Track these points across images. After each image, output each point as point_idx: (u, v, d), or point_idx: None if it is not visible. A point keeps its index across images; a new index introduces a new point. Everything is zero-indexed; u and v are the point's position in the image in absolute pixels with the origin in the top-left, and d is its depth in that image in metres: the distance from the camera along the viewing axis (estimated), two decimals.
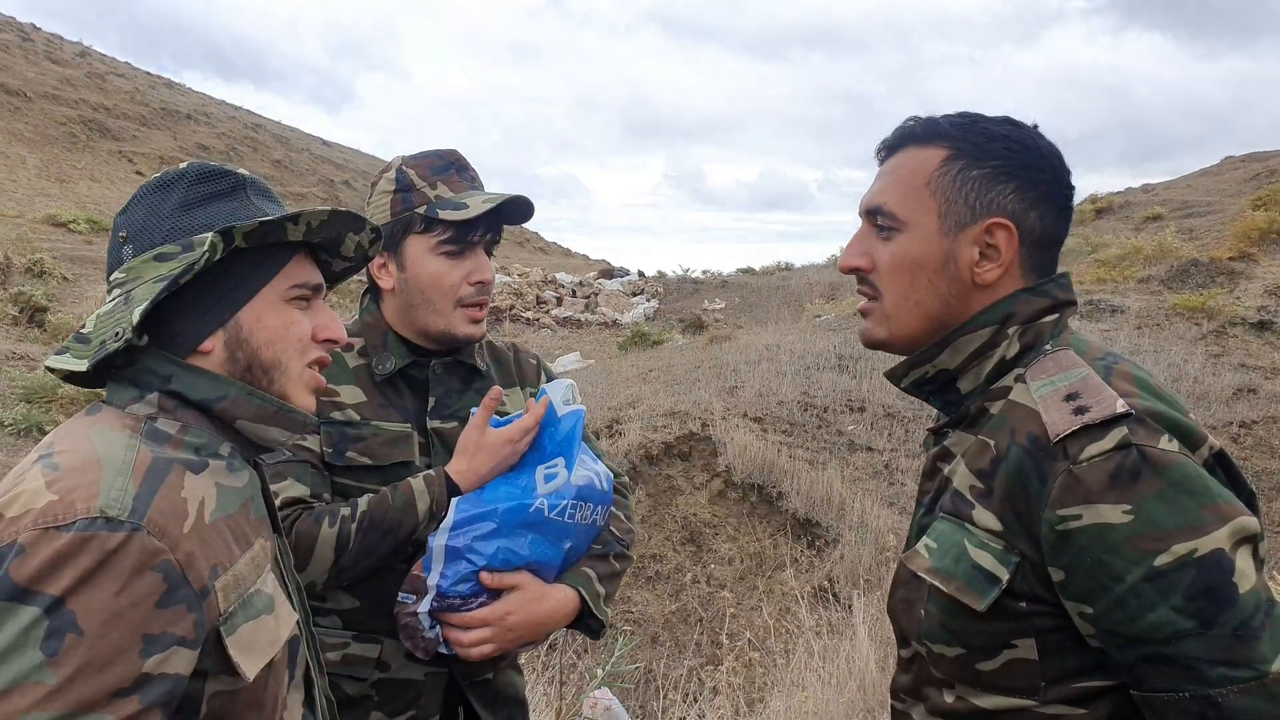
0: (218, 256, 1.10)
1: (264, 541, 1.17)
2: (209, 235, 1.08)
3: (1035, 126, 1.21)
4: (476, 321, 1.70)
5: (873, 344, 1.26)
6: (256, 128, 39.43)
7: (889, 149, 1.26)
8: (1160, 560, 0.96)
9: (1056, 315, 1.19)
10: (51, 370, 1.13)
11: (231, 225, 1.10)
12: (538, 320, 19.27)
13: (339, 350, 1.34)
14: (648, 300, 21.24)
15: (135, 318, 1.05)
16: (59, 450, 1.03)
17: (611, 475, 1.74)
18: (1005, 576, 1.06)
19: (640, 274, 23.97)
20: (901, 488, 7.25)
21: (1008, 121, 1.21)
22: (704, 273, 23.82)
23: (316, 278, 1.23)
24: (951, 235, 1.18)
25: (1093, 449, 1.00)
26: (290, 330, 1.18)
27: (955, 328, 1.19)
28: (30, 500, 0.95)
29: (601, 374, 10.82)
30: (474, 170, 1.74)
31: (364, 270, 1.72)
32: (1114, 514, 0.98)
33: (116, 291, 1.13)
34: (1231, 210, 16.91)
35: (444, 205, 1.65)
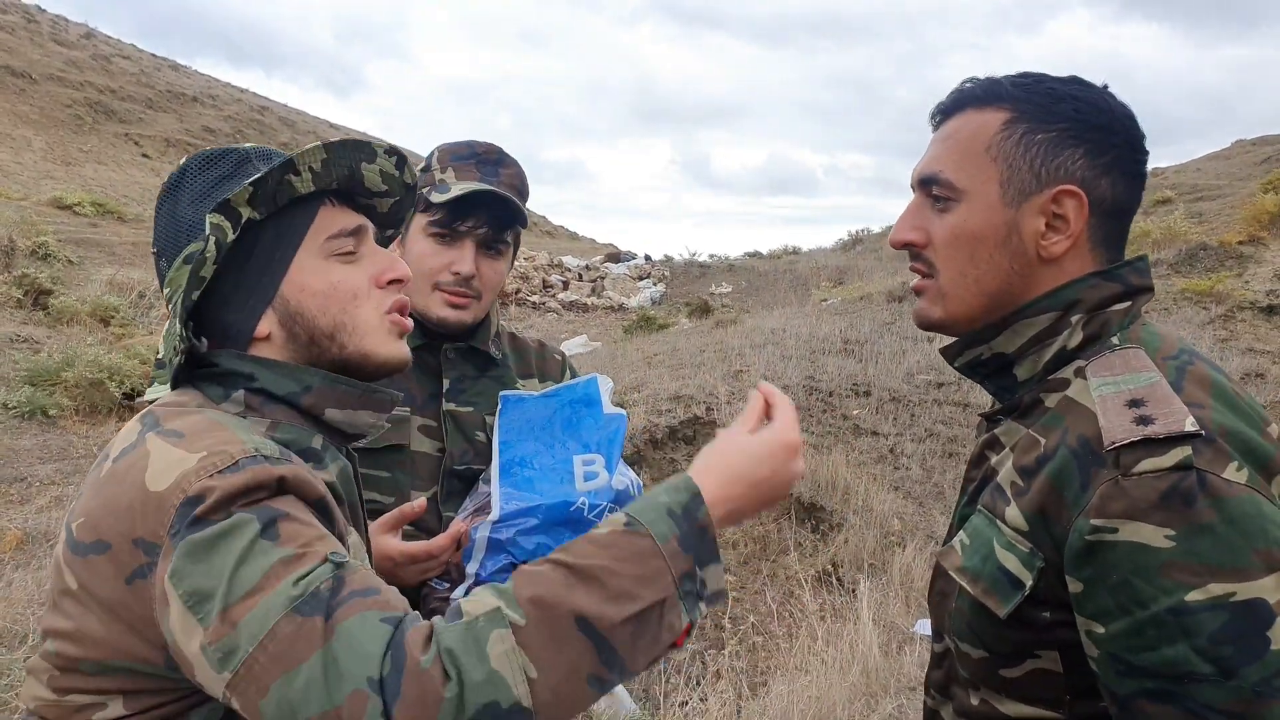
0: (229, 237, 1.04)
1: (355, 536, 1.12)
2: (208, 218, 1.03)
3: (1105, 87, 1.12)
4: (455, 307, 1.67)
5: (927, 325, 1.17)
6: (263, 110, 39.33)
7: (944, 113, 1.16)
8: (1192, 596, 0.88)
9: (1128, 303, 1.08)
10: (151, 402, 1.12)
11: (225, 198, 1.03)
12: (544, 304, 19.23)
13: None
14: (654, 284, 21.17)
15: (178, 329, 1.03)
16: (168, 425, 1.00)
17: (641, 484, 1.74)
18: (1029, 581, 0.99)
19: (647, 258, 23.89)
20: (906, 472, 7.23)
21: (1075, 81, 1.11)
22: (711, 256, 23.74)
23: (353, 221, 1.15)
24: (1015, 205, 1.08)
25: (1148, 464, 0.91)
26: (339, 288, 1.11)
27: (1016, 309, 1.10)
28: (176, 465, 0.94)
29: (607, 358, 10.80)
30: (513, 169, 1.71)
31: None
32: (1155, 536, 0.89)
33: (170, 309, 1.09)
34: (1242, 194, 16.77)
35: (439, 188, 1.64)
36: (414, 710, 0.82)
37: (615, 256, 23.89)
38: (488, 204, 1.64)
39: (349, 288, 1.12)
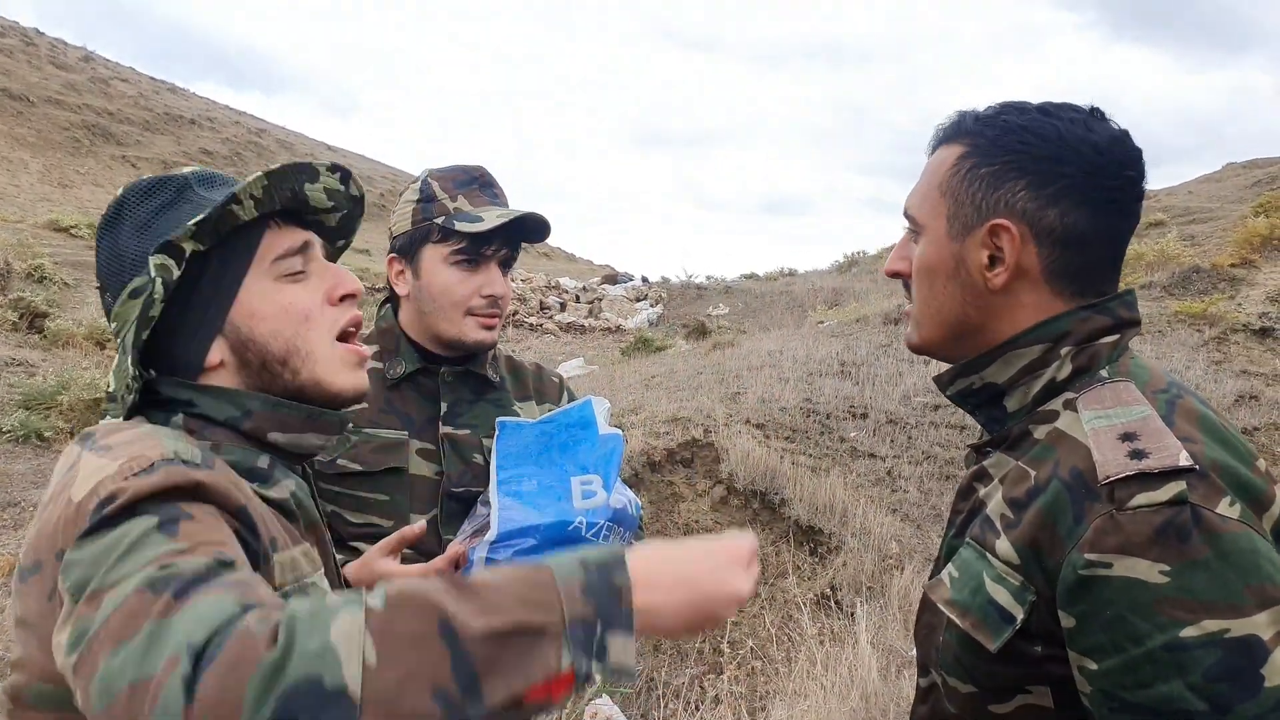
0: (175, 275, 1.03)
1: (311, 548, 1.09)
2: (151, 259, 1.02)
3: (1093, 110, 1.10)
4: (488, 328, 1.72)
5: (910, 348, 1.22)
6: (260, 133, 39.47)
7: (932, 147, 1.19)
8: (1187, 632, 0.88)
9: (1117, 336, 1.09)
10: None
11: (169, 239, 1.02)
12: (541, 326, 19.24)
13: None
14: (652, 306, 21.20)
15: (130, 369, 1.02)
16: (102, 441, 0.98)
17: (639, 503, 1.74)
18: (1020, 615, 0.98)
19: (644, 279, 23.94)
20: (904, 495, 7.22)
21: (1040, 110, 1.10)
22: (708, 278, 23.78)
23: (299, 238, 1.12)
24: (959, 239, 1.11)
25: (1143, 498, 0.91)
26: (290, 310, 1.09)
27: (1007, 340, 1.10)
28: (97, 473, 0.90)
29: (604, 380, 10.80)
30: (499, 187, 1.76)
31: (385, 279, 1.74)
32: (1150, 572, 0.89)
33: (118, 342, 1.08)
34: (1233, 216, 16.87)
35: (461, 218, 1.67)
36: (221, 673, 0.70)
37: (612, 278, 23.93)
38: (506, 225, 1.67)
39: (300, 309, 1.09)
